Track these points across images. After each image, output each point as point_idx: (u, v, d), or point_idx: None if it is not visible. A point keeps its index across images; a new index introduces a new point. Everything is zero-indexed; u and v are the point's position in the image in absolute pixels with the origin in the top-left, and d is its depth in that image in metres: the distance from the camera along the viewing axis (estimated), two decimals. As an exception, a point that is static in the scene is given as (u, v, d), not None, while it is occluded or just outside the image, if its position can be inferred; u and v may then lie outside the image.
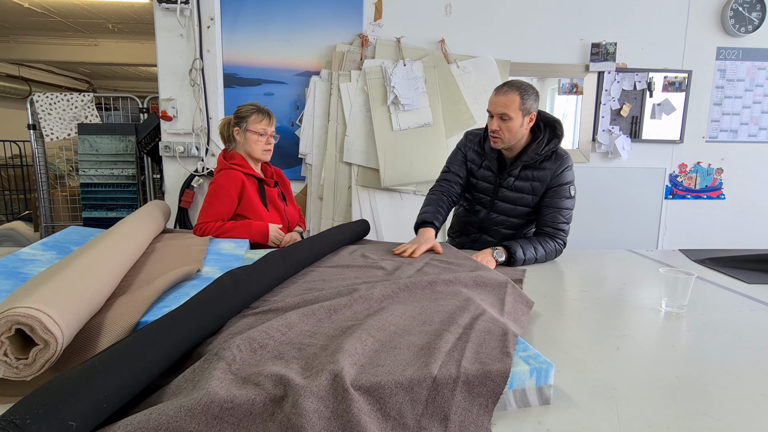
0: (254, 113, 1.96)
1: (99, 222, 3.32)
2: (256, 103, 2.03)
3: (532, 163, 1.76)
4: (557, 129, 1.75)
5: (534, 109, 1.70)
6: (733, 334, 1.13)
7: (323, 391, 0.68)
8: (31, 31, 6.38)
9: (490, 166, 1.84)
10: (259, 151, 1.98)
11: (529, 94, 1.67)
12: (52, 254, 1.28)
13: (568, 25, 3.12)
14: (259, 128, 1.95)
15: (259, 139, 1.96)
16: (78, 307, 0.84)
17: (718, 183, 3.40)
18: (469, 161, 1.90)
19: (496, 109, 1.68)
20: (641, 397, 0.82)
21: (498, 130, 1.69)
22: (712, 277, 1.61)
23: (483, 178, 1.88)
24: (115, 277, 1.08)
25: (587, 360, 0.96)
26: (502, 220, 1.87)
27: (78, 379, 0.64)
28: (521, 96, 1.66)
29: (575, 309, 1.27)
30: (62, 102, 3.37)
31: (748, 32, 3.16)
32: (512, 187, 1.80)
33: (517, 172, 1.78)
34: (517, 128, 1.68)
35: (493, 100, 1.70)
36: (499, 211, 1.86)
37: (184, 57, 2.86)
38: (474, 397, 0.73)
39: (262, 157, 2.01)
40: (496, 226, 1.89)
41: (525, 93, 1.67)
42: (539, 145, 1.74)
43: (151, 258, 1.36)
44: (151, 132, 3.17)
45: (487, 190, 1.87)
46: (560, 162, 1.75)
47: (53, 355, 0.74)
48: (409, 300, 1.10)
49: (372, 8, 3.01)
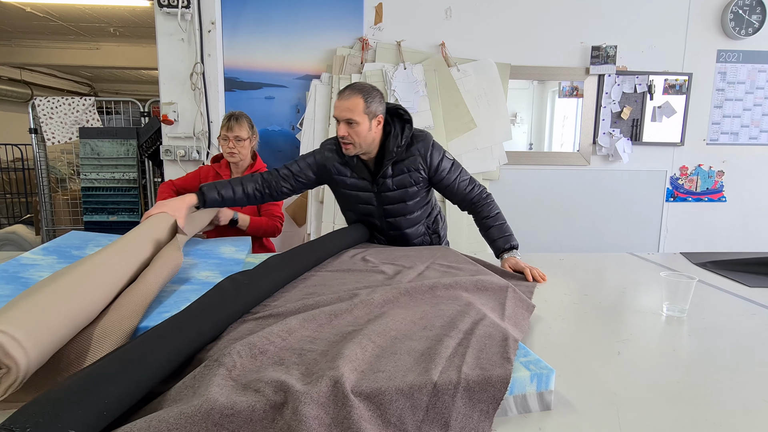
0: (223, 120, 2.23)
1: (100, 226, 3.32)
2: (229, 112, 2.27)
3: (399, 158, 1.70)
4: (404, 115, 1.71)
5: (380, 111, 1.65)
6: (735, 338, 1.12)
7: (323, 397, 0.68)
8: (33, 35, 6.41)
9: (362, 175, 1.74)
10: (224, 153, 2.23)
11: (372, 96, 1.61)
12: (53, 259, 1.28)
13: (569, 28, 3.13)
14: (222, 133, 2.21)
15: (223, 143, 2.21)
16: (55, 326, 0.79)
17: (719, 185, 3.40)
18: (335, 174, 1.77)
19: (342, 114, 1.60)
20: (642, 403, 0.82)
21: (346, 135, 1.61)
22: (713, 280, 1.60)
23: (358, 189, 1.77)
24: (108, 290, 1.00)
25: (588, 365, 0.96)
26: (401, 222, 1.81)
27: (78, 387, 0.64)
28: (365, 99, 1.59)
29: (576, 313, 1.27)
30: (63, 106, 3.38)
31: (749, 35, 3.16)
32: (393, 187, 1.73)
33: (390, 172, 1.71)
34: (366, 132, 1.62)
35: (338, 105, 1.62)
36: (391, 214, 1.79)
37: (185, 61, 2.87)
38: (475, 403, 0.73)
39: (228, 159, 2.23)
40: (398, 230, 1.84)
41: (368, 96, 1.60)
42: (395, 137, 1.68)
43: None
44: (152, 136, 3.18)
45: (368, 200, 1.78)
46: (423, 142, 1.70)
47: (15, 381, 0.69)
48: (410, 305, 1.10)
49: (372, 12, 3.01)
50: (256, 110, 3.04)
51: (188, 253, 1.49)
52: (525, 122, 5.13)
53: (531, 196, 3.30)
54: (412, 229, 1.85)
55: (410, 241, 1.87)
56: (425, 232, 1.91)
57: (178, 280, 1.22)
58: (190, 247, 1.57)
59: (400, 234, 1.85)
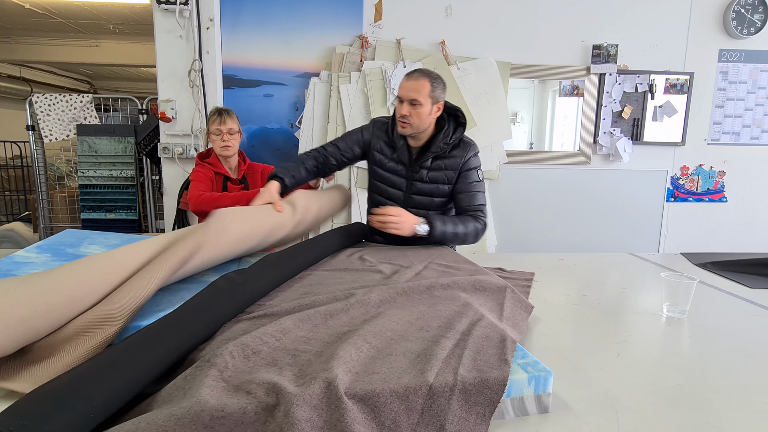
0: (212, 116, 2.22)
1: (97, 223, 3.31)
2: (216, 107, 2.28)
3: (442, 153, 1.78)
4: (460, 117, 1.79)
5: (442, 98, 1.73)
6: (736, 340, 1.11)
7: (316, 399, 0.67)
8: (32, 32, 6.39)
9: (401, 159, 1.82)
10: (218, 148, 2.21)
11: (438, 82, 1.71)
12: (47, 257, 1.27)
13: (569, 26, 3.11)
14: (213, 128, 2.20)
15: (215, 138, 2.20)
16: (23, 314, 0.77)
17: (720, 186, 3.38)
18: (377, 151, 1.86)
19: (407, 94, 1.69)
20: (642, 406, 0.80)
21: (407, 115, 1.70)
22: (714, 281, 1.59)
23: (393, 172, 1.85)
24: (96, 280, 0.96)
25: (587, 367, 0.94)
26: (422, 215, 1.82)
27: (65, 388, 0.63)
28: (431, 83, 1.68)
29: (575, 314, 1.26)
30: (61, 103, 3.36)
31: (751, 34, 3.14)
32: (426, 179, 1.80)
33: (429, 164, 1.79)
34: (426, 115, 1.70)
35: (404, 85, 1.71)
36: (416, 205, 1.83)
37: (183, 58, 2.85)
38: (471, 405, 0.71)
39: (222, 153, 2.22)
40: None
41: (435, 81, 1.70)
42: (446, 135, 1.76)
43: None
44: (150, 133, 3.16)
45: (399, 185, 1.85)
46: (468, 149, 1.79)
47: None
48: (407, 305, 1.08)
49: (372, 9, 3.00)
50: (255, 108, 3.03)
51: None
52: (525, 121, 5.11)
53: (531, 196, 3.28)
54: None
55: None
56: None
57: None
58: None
59: None
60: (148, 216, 3.47)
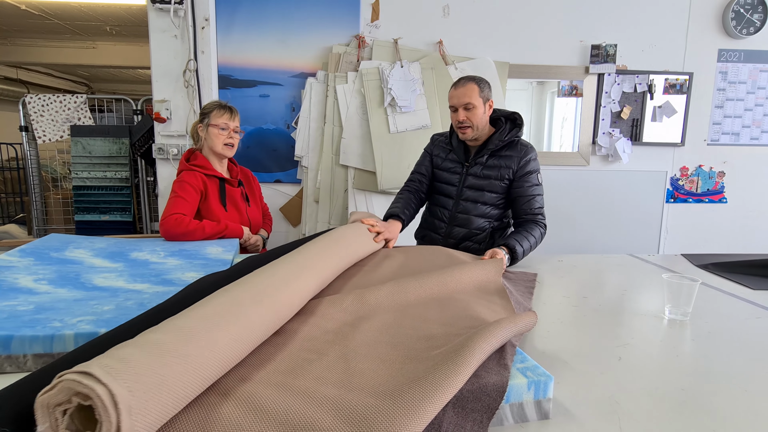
0: (216, 108, 1.99)
1: (92, 225, 3.27)
2: (219, 101, 2.08)
3: (497, 150, 1.85)
4: (517, 120, 1.88)
5: (491, 96, 1.84)
6: (739, 342, 1.08)
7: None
8: (28, 34, 6.35)
9: (458, 156, 1.92)
10: (220, 144, 1.97)
11: (484, 83, 1.82)
12: (30, 261, 1.23)
13: (568, 26, 3.09)
14: (220, 122, 1.96)
15: (220, 133, 1.97)
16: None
17: (720, 186, 3.36)
18: (435, 156, 2.00)
19: (460, 101, 1.79)
20: (645, 411, 0.77)
21: (465, 119, 1.79)
22: (715, 282, 1.56)
23: (448, 169, 1.95)
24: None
25: (588, 371, 0.91)
26: (471, 207, 1.90)
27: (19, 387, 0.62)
28: (478, 85, 1.80)
29: (575, 317, 1.23)
30: (55, 103, 3.33)
31: (750, 34, 3.13)
32: (480, 174, 1.86)
33: (484, 160, 1.86)
34: (481, 115, 1.80)
35: (454, 94, 1.82)
36: (468, 199, 1.89)
37: (178, 58, 2.82)
38: (468, 412, 0.68)
39: (223, 152, 1.99)
40: (465, 213, 1.90)
41: (480, 83, 1.81)
42: (502, 133, 1.86)
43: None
44: (145, 134, 3.13)
45: (453, 180, 1.93)
46: (525, 151, 1.84)
47: None
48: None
49: (369, 9, 2.97)
50: (251, 108, 3.00)
51: (174, 254, 1.44)
52: (524, 123, 5.10)
53: (529, 197, 3.26)
54: (479, 219, 1.89)
55: (471, 227, 1.90)
56: (487, 228, 1.90)
57: (162, 282, 1.17)
58: (176, 248, 1.52)
59: (465, 218, 1.90)
60: (143, 218, 3.43)
